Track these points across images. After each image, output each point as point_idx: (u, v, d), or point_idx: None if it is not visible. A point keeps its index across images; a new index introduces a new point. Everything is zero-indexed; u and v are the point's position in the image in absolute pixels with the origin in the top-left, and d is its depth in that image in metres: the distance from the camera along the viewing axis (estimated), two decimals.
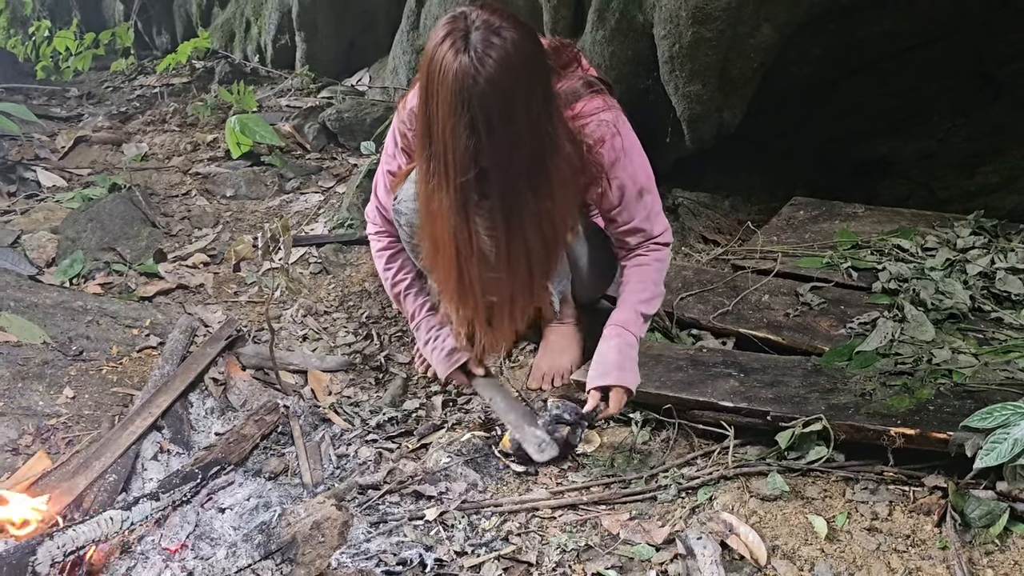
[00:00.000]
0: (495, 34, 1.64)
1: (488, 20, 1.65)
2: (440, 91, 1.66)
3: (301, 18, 4.99)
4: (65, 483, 1.89)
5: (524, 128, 1.70)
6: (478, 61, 1.61)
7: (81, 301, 2.65)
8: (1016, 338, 2.12)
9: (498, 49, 1.63)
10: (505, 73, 1.63)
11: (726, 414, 1.98)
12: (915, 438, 1.76)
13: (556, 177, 1.79)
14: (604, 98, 1.92)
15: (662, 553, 1.69)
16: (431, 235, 1.88)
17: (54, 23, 6.91)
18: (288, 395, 2.30)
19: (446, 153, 1.71)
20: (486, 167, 1.70)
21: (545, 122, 1.75)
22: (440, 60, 1.65)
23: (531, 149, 1.73)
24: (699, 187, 3.36)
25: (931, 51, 3.35)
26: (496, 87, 1.63)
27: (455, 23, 1.66)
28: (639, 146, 1.98)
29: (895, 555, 1.61)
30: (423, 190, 1.84)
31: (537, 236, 1.83)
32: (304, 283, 2.90)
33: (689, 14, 2.69)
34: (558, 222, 1.87)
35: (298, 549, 1.60)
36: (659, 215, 2.06)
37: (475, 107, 1.63)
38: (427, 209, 1.85)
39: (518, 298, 1.93)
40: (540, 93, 1.73)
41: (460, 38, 1.64)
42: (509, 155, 1.70)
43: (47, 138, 4.43)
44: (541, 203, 1.79)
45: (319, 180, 3.77)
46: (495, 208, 1.76)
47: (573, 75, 1.94)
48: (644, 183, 1.98)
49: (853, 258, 2.59)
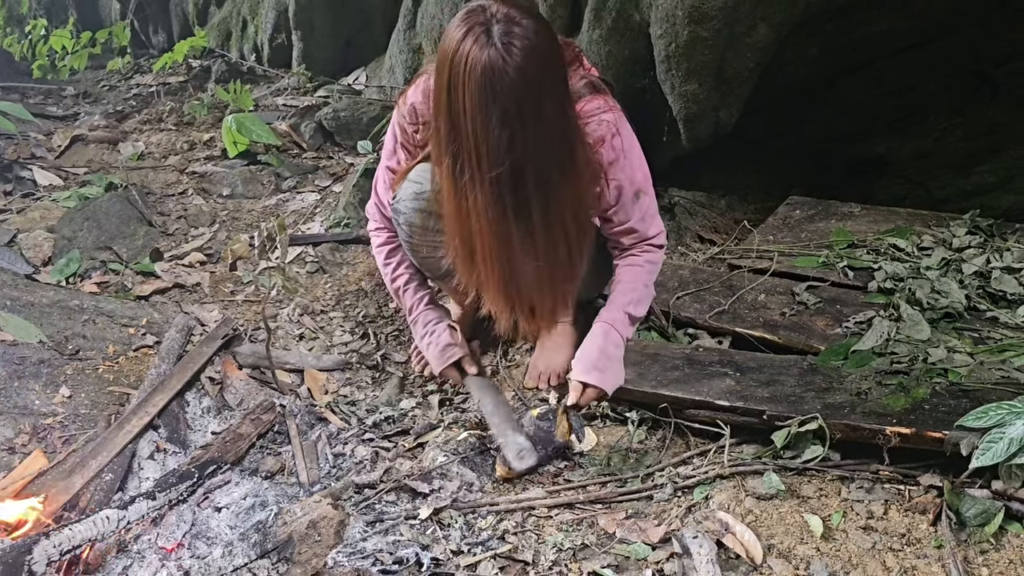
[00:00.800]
0: (517, 25, 1.66)
1: (508, 13, 1.67)
2: (468, 85, 1.66)
3: (297, 17, 4.98)
4: (61, 482, 1.88)
5: (553, 115, 1.73)
6: (505, 52, 1.63)
7: (77, 300, 2.65)
8: (1012, 337, 2.12)
9: (521, 39, 1.65)
10: (532, 63, 1.65)
11: (722, 413, 1.98)
12: (911, 437, 1.76)
13: (582, 158, 1.84)
14: (605, 98, 1.93)
15: (658, 552, 1.69)
16: (463, 235, 1.85)
17: (50, 22, 6.90)
18: (284, 394, 2.30)
19: (478, 147, 1.71)
20: (519, 158, 1.71)
21: (568, 107, 1.80)
22: (465, 55, 1.65)
23: (559, 134, 1.76)
24: (695, 186, 3.36)
25: (928, 51, 3.36)
26: (525, 77, 1.65)
27: (474, 17, 1.67)
28: (638, 148, 1.99)
29: (891, 554, 1.61)
30: (450, 189, 1.81)
31: (572, 219, 1.86)
32: (301, 282, 2.90)
33: (685, 13, 2.69)
34: (587, 207, 1.91)
35: (294, 548, 1.60)
36: (655, 217, 2.07)
37: (506, 99, 1.65)
38: (457, 208, 1.82)
39: (559, 283, 1.95)
40: (562, 80, 1.78)
41: (483, 32, 1.65)
42: (542, 143, 1.72)
43: (43, 137, 4.42)
44: (572, 186, 1.82)
45: (315, 179, 3.77)
46: (532, 197, 1.77)
47: (575, 74, 1.95)
48: (641, 184, 1.99)
49: (849, 257, 2.59)
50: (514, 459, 1.94)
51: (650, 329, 2.41)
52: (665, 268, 2.67)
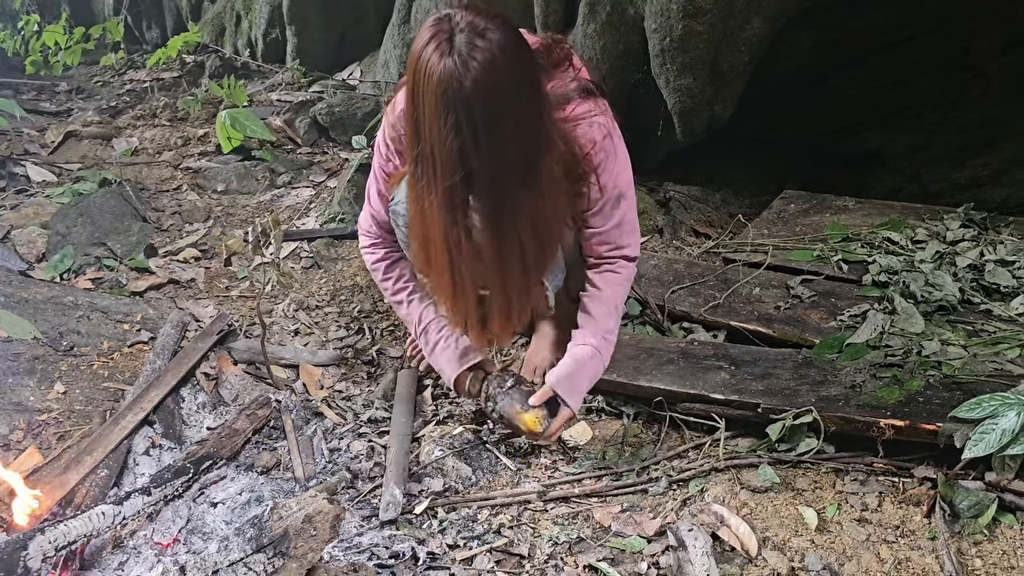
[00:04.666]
0: (480, 36, 1.63)
1: (473, 22, 1.64)
2: (426, 94, 1.66)
3: (292, 12, 4.97)
4: (56, 478, 1.88)
5: (511, 129, 1.69)
6: (463, 64, 1.61)
7: (72, 296, 2.64)
8: (1004, 330, 2.13)
9: (483, 51, 1.62)
10: (490, 75, 1.62)
11: (717, 406, 1.99)
12: (904, 429, 1.77)
13: (547, 175, 1.79)
14: (596, 101, 1.92)
15: (653, 545, 1.70)
16: (422, 236, 1.87)
17: (43, 17, 6.87)
18: (280, 389, 2.29)
19: (434, 155, 1.71)
20: (472, 169, 1.70)
21: (534, 121, 1.75)
22: (425, 63, 1.65)
23: (519, 149, 1.72)
24: (690, 180, 3.37)
25: (922, 45, 3.36)
26: (481, 89, 1.62)
27: (440, 25, 1.66)
28: (626, 153, 1.98)
29: (884, 545, 1.62)
30: (412, 192, 1.83)
31: (530, 235, 1.82)
32: (295, 278, 2.90)
33: (680, 7, 2.69)
34: (551, 219, 1.86)
35: (290, 543, 1.60)
36: (634, 229, 2.04)
37: (460, 110, 1.63)
38: (418, 210, 1.84)
39: (514, 297, 1.92)
40: (527, 93, 1.73)
41: (445, 40, 1.63)
42: (496, 156, 1.69)
43: (37, 133, 4.41)
44: (533, 202, 1.78)
45: (310, 175, 3.76)
46: (485, 208, 1.76)
47: (565, 75, 1.94)
48: (624, 189, 1.98)
49: (843, 251, 2.60)
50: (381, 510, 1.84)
51: (645, 323, 2.41)
52: (660, 262, 2.68)
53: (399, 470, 1.94)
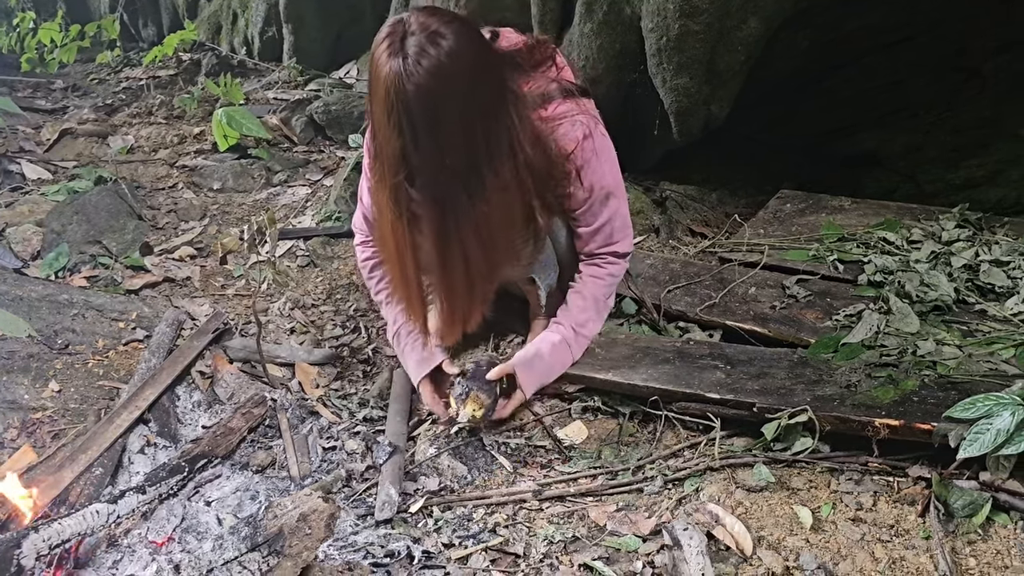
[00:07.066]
0: (430, 40, 1.64)
1: (425, 24, 1.65)
2: (377, 92, 1.69)
3: (288, 10, 4.97)
4: (51, 476, 1.88)
5: (454, 134, 1.70)
6: (408, 67, 1.63)
7: (67, 294, 2.63)
8: (999, 330, 2.14)
9: (429, 56, 1.63)
10: (433, 79, 1.63)
11: (712, 406, 1.99)
12: (899, 429, 1.77)
13: (496, 182, 1.78)
14: (577, 101, 1.92)
15: (649, 544, 1.70)
16: (379, 228, 1.92)
17: (39, 14, 6.85)
18: (275, 388, 2.29)
19: (383, 152, 1.76)
20: (414, 170, 1.73)
21: (487, 127, 1.74)
22: (376, 62, 1.68)
23: (463, 154, 1.73)
24: (686, 180, 3.37)
25: (917, 45, 3.37)
26: (422, 93, 1.63)
27: (395, 26, 1.68)
28: (612, 152, 1.98)
29: (879, 545, 1.62)
30: (371, 185, 1.90)
31: (474, 241, 1.82)
32: (291, 276, 2.90)
33: (677, 7, 2.69)
34: (496, 228, 1.85)
35: (285, 541, 1.60)
36: (625, 226, 2.05)
37: (402, 111, 1.65)
38: (374, 203, 1.90)
39: (457, 299, 1.92)
40: (479, 99, 1.72)
41: (397, 41, 1.65)
42: (436, 159, 1.71)
43: (32, 130, 4.39)
44: (477, 208, 1.78)
45: (306, 173, 3.76)
46: (426, 211, 1.78)
47: (545, 76, 1.94)
48: (611, 187, 1.98)
49: (839, 251, 2.60)
50: (377, 509, 1.84)
51: (641, 322, 2.41)
52: (656, 261, 2.68)
53: (395, 469, 1.94)
